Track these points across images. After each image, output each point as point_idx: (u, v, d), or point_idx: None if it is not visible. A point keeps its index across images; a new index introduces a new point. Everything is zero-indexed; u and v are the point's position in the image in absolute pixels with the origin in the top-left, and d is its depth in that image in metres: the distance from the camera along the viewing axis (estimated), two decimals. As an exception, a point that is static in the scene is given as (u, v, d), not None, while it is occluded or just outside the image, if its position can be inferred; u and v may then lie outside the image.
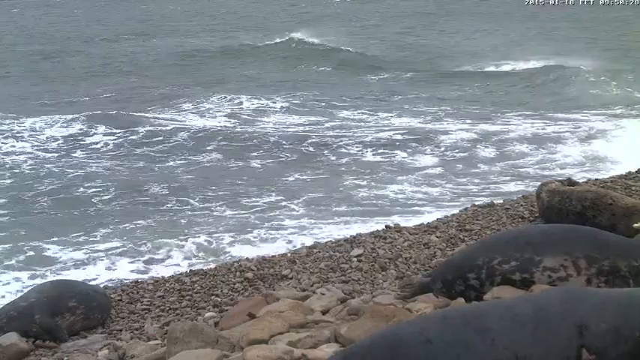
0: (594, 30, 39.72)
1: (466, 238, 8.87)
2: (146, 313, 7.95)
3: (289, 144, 17.92)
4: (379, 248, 8.74)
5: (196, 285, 8.49)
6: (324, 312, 5.86)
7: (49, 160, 17.06)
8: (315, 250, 9.11)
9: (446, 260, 6.36)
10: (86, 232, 11.99)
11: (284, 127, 20.04)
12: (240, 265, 8.84)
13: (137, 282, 9.12)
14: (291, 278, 8.22)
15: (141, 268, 10.31)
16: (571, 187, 8.56)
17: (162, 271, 9.92)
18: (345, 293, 7.00)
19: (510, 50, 33.42)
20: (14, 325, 7.23)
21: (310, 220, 12.21)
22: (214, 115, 21.57)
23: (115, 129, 19.39)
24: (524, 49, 32.72)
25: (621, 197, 8.10)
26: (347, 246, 9.03)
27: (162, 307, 8.02)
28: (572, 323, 3.23)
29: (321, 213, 12.67)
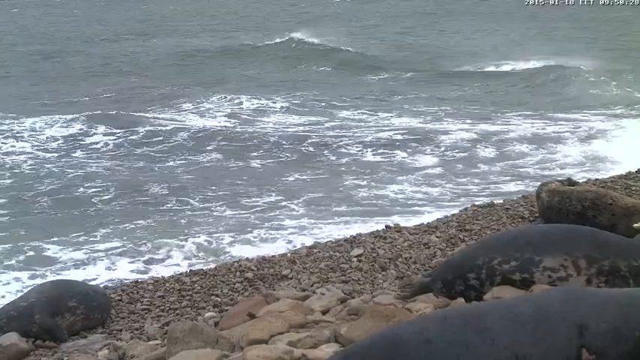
0: (594, 30, 39.72)
1: (466, 238, 8.87)
2: (146, 313, 7.95)
3: (289, 144, 17.92)
4: (379, 248, 8.74)
5: (196, 285, 8.49)
6: (324, 312, 5.86)
7: (49, 160, 17.06)
8: (315, 250, 9.11)
9: (446, 260, 6.36)
10: (86, 232, 11.99)
11: (284, 127, 20.03)
12: (240, 265, 8.85)
13: (137, 282, 9.12)
14: (291, 278, 8.22)
15: (141, 268, 10.31)
16: (571, 187, 8.56)
17: (162, 271, 9.92)
18: (345, 293, 7.00)
19: (510, 50, 33.41)
20: (14, 325, 7.23)
21: (310, 220, 12.21)
22: (214, 115, 21.57)
23: (115, 129, 19.39)
24: (524, 49, 32.71)
25: (621, 197, 8.10)
26: (347, 246, 9.03)
27: (162, 307, 8.02)
28: (572, 323, 3.22)
29: (322, 213, 12.67)
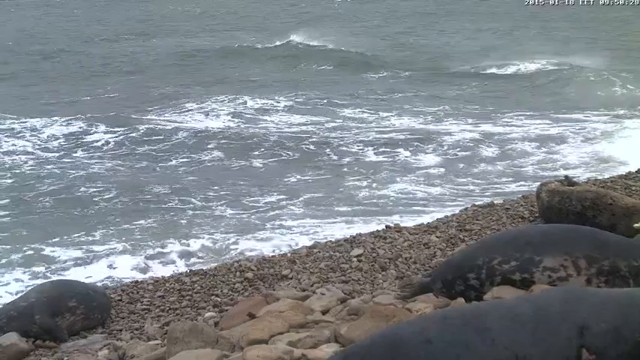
0: (594, 30, 39.71)
1: (466, 238, 8.87)
2: (146, 313, 7.95)
3: (291, 143, 17.90)
4: (379, 248, 8.74)
5: (196, 285, 8.49)
6: (324, 312, 5.86)
7: (50, 160, 17.05)
8: (315, 250, 9.11)
9: (446, 260, 6.36)
10: (86, 232, 11.99)
11: (285, 127, 20.03)
12: (240, 265, 8.85)
13: (137, 282, 9.13)
14: (291, 278, 8.22)
15: (141, 268, 10.32)
16: (571, 187, 8.56)
17: (162, 271, 9.93)
18: (345, 293, 7.00)
19: (510, 50, 33.40)
20: (14, 325, 7.23)
21: (311, 220, 12.20)
22: (215, 115, 21.56)
23: (116, 129, 19.38)
24: (524, 49, 32.69)
25: (621, 197, 8.10)
26: (347, 246, 9.04)
27: (162, 307, 8.03)
28: (572, 323, 3.22)
29: (323, 213, 12.66)
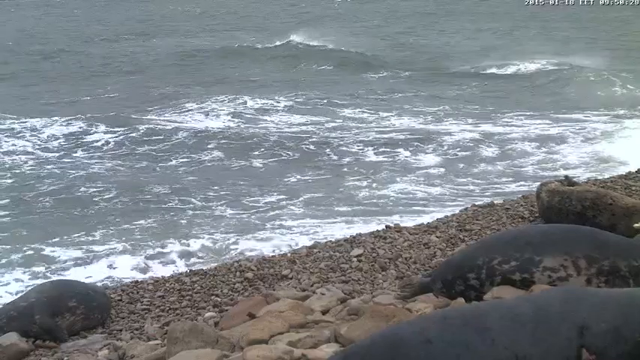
0: (594, 30, 39.71)
1: (466, 238, 8.87)
2: (146, 313, 7.95)
3: (291, 143, 17.90)
4: (379, 248, 8.74)
5: (196, 285, 8.50)
6: (324, 312, 5.86)
7: (50, 161, 17.05)
8: (315, 250, 9.11)
9: (446, 260, 6.36)
10: (86, 232, 11.99)
11: (285, 127, 20.03)
12: (240, 265, 8.85)
13: (137, 282, 9.13)
14: (291, 278, 8.22)
15: (141, 268, 10.32)
16: (571, 187, 8.56)
17: (162, 271, 9.93)
18: (345, 293, 7.00)
19: (510, 50, 33.39)
20: (14, 325, 7.23)
21: (311, 220, 12.21)
22: (215, 115, 21.56)
23: (116, 129, 19.38)
24: (524, 49, 32.69)
25: (621, 197, 8.10)
26: (347, 246, 9.04)
27: (162, 307, 8.03)
28: (572, 323, 3.22)
29: (323, 213, 12.67)
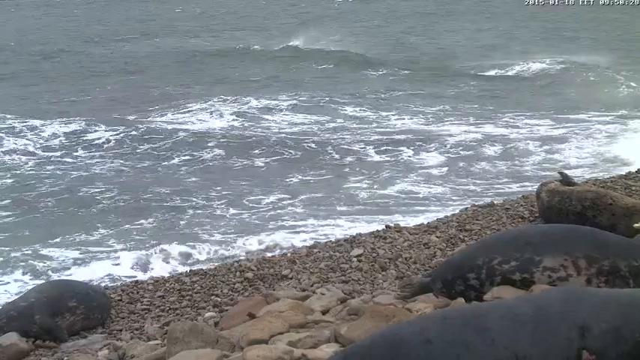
0: (594, 30, 39.70)
1: (466, 238, 8.88)
2: (146, 313, 7.95)
3: (292, 143, 17.91)
4: (379, 248, 8.75)
5: (196, 285, 8.50)
6: (324, 312, 5.86)
7: (51, 161, 17.06)
8: (315, 250, 9.12)
9: (446, 260, 6.36)
10: (87, 232, 12.01)
11: (287, 127, 20.04)
12: (240, 265, 8.86)
13: (137, 282, 9.13)
14: (291, 278, 8.22)
15: (141, 268, 10.32)
16: (571, 187, 8.56)
17: (162, 271, 9.93)
18: (345, 293, 7.00)
19: (511, 50, 33.41)
20: (14, 325, 7.23)
21: (312, 221, 12.21)
22: (216, 115, 21.55)
23: (116, 129, 19.36)
24: (524, 50, 32.70)
25: (621, 197, 8.10)
26: (347, 246, 9.04)
27: (162, 307, 8.03)
28: (572, 323, 3.22)
29: (324, 212, 12.67)
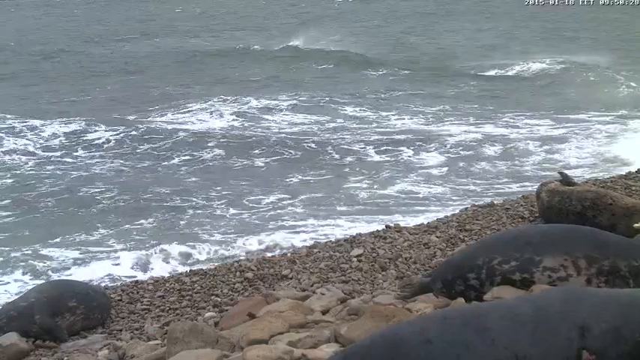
0: (595, 30, 39.70)
1: (466, 238, 8.88)
2: (146, 313, 7.95)
3: (292, 143, 17.91)
4: (379, 248, 8.75)
5: (196, 285, 8.50)
6: (324, 312, 5.86)
7: (51, 161, 17.06)
8: (315, 250, 9.12)
9: (446, 260, 6.36)
10: (87, 232, 12.01)
11: (287, 126, 20.04)
12: (240, 265, 8.86)
13: (137, 282, 9.13)
14: (291, 278, 8.23)
15: (141, 268, 10.32)
16: (571, 187, 8.56)
17: (162, 271, 9.93)
18: (345, 293, 7.00)
19: (511, 50, 33.40)
20: (14, 325, 7.23)
21: (312, 220, 12.21)
22: (216, 115, 21.54)
23: (116, 129, 19.36)
24: (524, 49, 32.69)
25: (621, 197, 8.10)
26: (347, 246, 9.04)
27: (162, 307, 8.03)
28: (572, 323, 3.22)
29: (324, 212, 12.67)
